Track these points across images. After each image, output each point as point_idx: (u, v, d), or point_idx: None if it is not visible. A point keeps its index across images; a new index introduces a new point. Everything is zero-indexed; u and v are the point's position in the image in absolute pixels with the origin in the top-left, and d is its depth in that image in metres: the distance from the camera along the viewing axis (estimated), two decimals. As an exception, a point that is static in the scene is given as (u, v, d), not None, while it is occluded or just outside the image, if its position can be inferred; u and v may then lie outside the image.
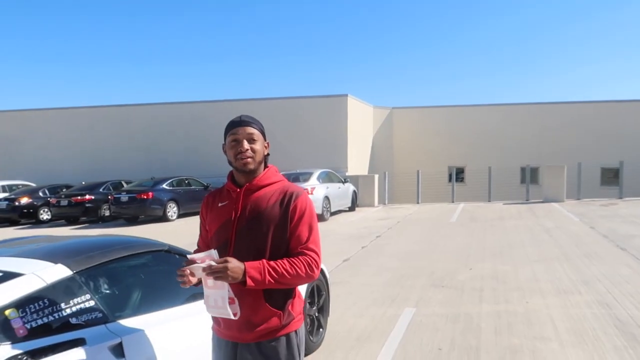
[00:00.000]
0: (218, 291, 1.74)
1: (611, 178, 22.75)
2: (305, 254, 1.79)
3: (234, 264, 1.68)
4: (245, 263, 1.71)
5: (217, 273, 1.66)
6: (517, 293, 5.53)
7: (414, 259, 7.71)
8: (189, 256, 1.77)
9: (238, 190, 1.86)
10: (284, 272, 1.73)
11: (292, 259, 1.77)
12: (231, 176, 1.92)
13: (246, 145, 1.82)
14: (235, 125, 1.85)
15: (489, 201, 17.43)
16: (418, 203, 18.18)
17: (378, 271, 7.00)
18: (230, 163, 1.88)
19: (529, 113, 25.33)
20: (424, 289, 5.88)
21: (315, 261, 1.80)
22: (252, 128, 1.85)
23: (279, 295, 1.81)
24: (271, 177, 1.90)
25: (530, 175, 18.14)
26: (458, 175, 23.86)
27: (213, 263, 1.68)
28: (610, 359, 3.67)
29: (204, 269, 1.68)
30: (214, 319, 1.90)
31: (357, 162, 22.47)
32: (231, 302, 1.73)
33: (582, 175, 16.58)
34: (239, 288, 1.75)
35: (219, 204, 1.90)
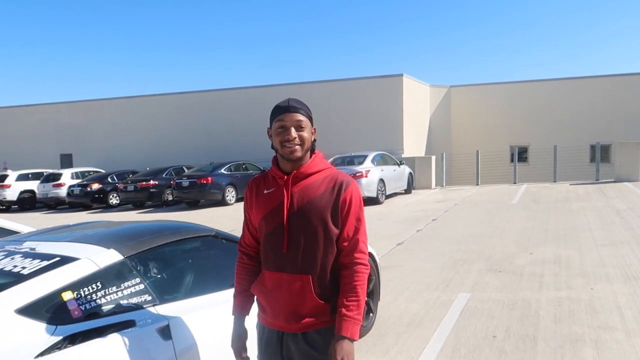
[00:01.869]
0: None
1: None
2: (357, 261, 1.77)
3: (344, 350, 1.69)
4: (342, 334, 1.70)
5: None
6: (581, 279, 5.24)
7: (470, 243, 7.49)
8: None
9: (285, 177, 1.80)
10: (361, 298, 1.74)
11: (355, 279, 1.74)
12: (276, 162, 1.86)
13: (294, 133, 1.74)
14: (283, 111, 1.77)
15: (554, 182, 16.59)
16: (477, 185, 17.62)
17: (433, 255, 6.86)
18: (274, 149, 1.82)
19: (599, 86, 23.67)
20: (480, 274, 5.71)
21: (365, 260, 1.79)
22: (300, 115, 1.77)
23: (328, 288, 1.78)
24: (319, 165, 1.84)
25: (600, 154, 17.04)
26: (520, 155, 22.91)
27: None
28: (684, 351, 3.40)
29: None
30: (260, 305, 1.89)
31: (414, 144, 22.03)
32: None
33: (659, 153, 15.38)
34: (286, 280, 1.75)
35: (265, 191, 1.85)
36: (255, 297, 1.93)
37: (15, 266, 2.14)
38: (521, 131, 24.48)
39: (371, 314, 4.17)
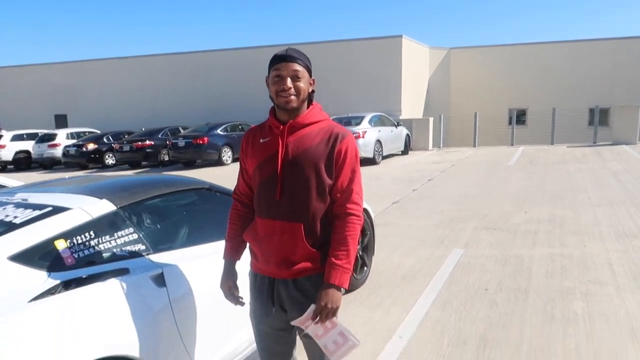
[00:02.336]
0: (332, 332, 1.76)
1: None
2: (349, 212, 1.78)
3: (329, 296, 1.72)
4: (330, 282, 1.73)
5: (327, 317, 1.73)
6: (574, 237, 5.30)
7: (466, 202, 7.53)
8: (293, 323, 1.80)
9: (282, 126, 1.80)
10: (351, 248, 1.76)
11: (346, 230, 1.76)
12: (273, 112, 1.85)
13: (289, 83, 1.73)
14: (280, 60, 1.75)
15: (552, 144, 16.56)
16: (475, 147, 17.59)
17: (428, 214, 6.90)
18: (271, 98, 1.81)
19: (599, 49, 23.31)
20: (474, 232, 5.76)
21: (359, 211, 1.79)
22: (297, 65, 1.75)
23: (319, 237, 1.80)
24: (316, 116, 1.83)
25: (599, 117, 16.94)
26: (519, 117, 22.79)
27: (311, 322, 1.74)
28: (672, 304, 3.47)
29: (315, 323, 1.74)
30: (252, 252, 1.91)
31: (412, 105, 21.84)
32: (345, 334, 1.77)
33: (658, 115, 15.29)
34: (278, 228, 1.77)
35: (261, 140, 1.85)
36: (248, 244, 1.95)
37: (7, 215, 2.13)
38: (520, 94, 24.28)
39: (365, 268, 4.22)
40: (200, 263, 2.33)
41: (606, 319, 3.30)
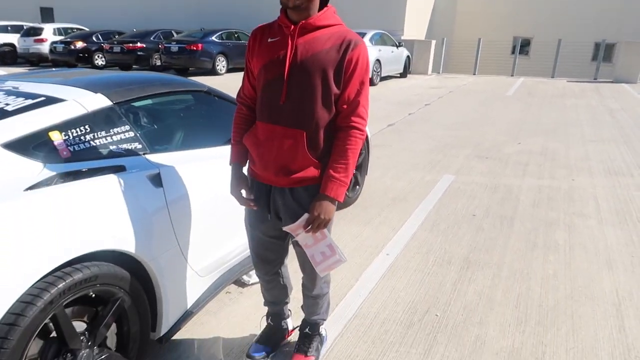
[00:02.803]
0: (321, 243, 1.77)
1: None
2: (353, 125, 1.73)
3: (322, 207, 1.72)
4: (326, 193, 1.72)
5: (318, 227, 1.74)
6: (564, 170, 5.36)
7: (461, 129, 7.50)
8: (285, 228, 1.80)
9: (292, 26, 1.70)
10: (351, 162, 1.73)
11: (348, 143, 1.72)
12: (284, 11, 1.74)
13: None
14: None
15: (552, 77, 16.29)
16: (475, 74, 17.25)
17: (422, 138, 6.89)
18: None
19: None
20: (467, 159, 5.79)
21: (363, 125, 1.74)
22: None
23: (321, 147, 1.76)
24: (329, 19, 1.72)
25: (604, 52, 16.54)
26: (523, 47, 22.20)
27: (302, 230, 1.75)
28: (650, 240, 3.59)
29: (306, 232, 1.75)
30: (250, 158, 1.88)
31: (415, 26, 21.04)
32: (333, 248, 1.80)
33: (663, 55, 14.96)
34: (280, 133, 1.73)
35: (269, 39, 1.76)
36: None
37: (-2, 103, 2.05)
38: (527, 22, 23.46)
39: (357, 187, 4.26)
40: (197, 166, 2.31)
41: (585, 249, 3.42)
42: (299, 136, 1.72)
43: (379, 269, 3.11)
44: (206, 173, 2.35)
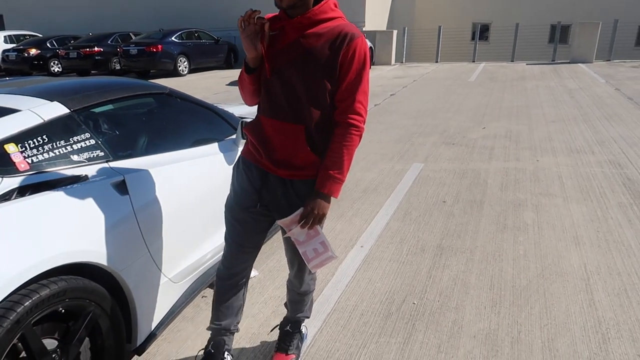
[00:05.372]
0: (314, 240, 1.76)
1: (647, 39, 21.40)
2: (350, 122, 1.69)
3: (317, 203, 1.70)
4: (321, 190, 1.70)
5: (313, 223, 1.71)
6: (528, 152, 5.49)
7: (426, 118, 7.59)
8: (279, 222, 1.77)
9: (289, 21, 1.67)
10: (346, 159, 1.71)
11: (344, 140, 1.69)
12: None
13: None
14: None
15: (512, 61, 16.66)
16: (437, 62, 17.47)
17: (389, 128, 6.94)
18: None
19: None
20: (434, 146, 5.86)
21: (360, 122, 1.71)
22: None
23: (321, 142, 1.75)
24: (327, 12, 1.68)
25: (560, 34, 17.00)
26: (482, 33, 22.61)
27: (295, 225, 1.74)
28: (613, 214, 3.71)
29: (302, 227, 1.72)
30: (250, 143, 1.85)
31: (376, 17, 21.15)
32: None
33: (616, 35, 15.49)
34: (279, 128, 1.72)
35: (270, 33, 1.73)
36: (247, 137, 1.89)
37: (-54, 117, 1.95)
38: (485, 7, 23.89)
39: (329, 181, 4.25)
40: (163, 171, 2.26)
41: (553, 228, 3.51)
42: (298, 131, 1.71)
43: (354, 261, 3.12)
44: (173, 176, 2.30)
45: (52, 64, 16.81)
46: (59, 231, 1.71)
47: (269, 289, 2.83)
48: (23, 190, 1.76)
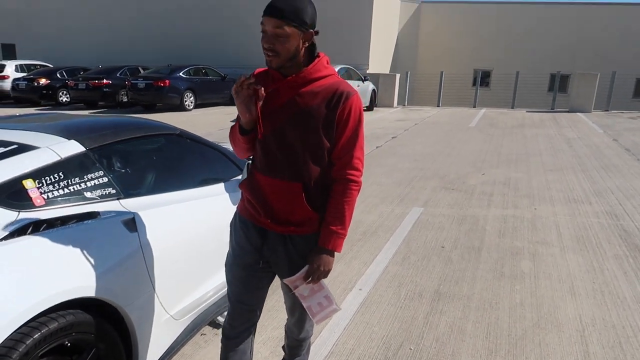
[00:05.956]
0: (318, 294, 1.77)
1: (644, 91, 21.90)
2: (348, 178, 1.71)
3: (322, 259, 1.72)
4: (325, 246, 1.72)
5: (318, 278, 1.73)
6: (526, 199, 5.57)
7: (427, 162, 7.73)
8: (285, 280, 1.80)
9: (283, 80, 1.67)
10: (347, 214, 1.73)
11: (344, 196, 1.71)
12: None
13: (267, 42, 1.58)
14: (265, 12, 1.57)
15: (512, 108, 16.99)
16: (438, 106, 17.82)
17: (390, 171, 7.06)
18: None
19: (566, 14, 23.67)
20: (433, 191, 5.95)
21: (358, 177, 1.73)
22: (280, 21, 1.54)
23: (318, 198, 1.75)
24: (321, 71, 1.68)
25: (559, 83, 17.41)
26: (483, 79, 23.14)
27: (301, 282, 1.75)
28: (609, 266, 3.76)
29: (307, 283, 1.75)
30: (246, 200, 1.83)
31: (379, 60, 21.73)
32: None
33: (615, 86, 15.88)
34: (277, 186, 1.71)
35: (268, 89, 1.73)
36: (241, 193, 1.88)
37: (-32, 152, 2.04)
38: (486, 55, 24.55)
39: (329, 222, 4.32)
40: (172, 209, 2.34)
41: (549, 277, 3.56)
42: (296, 189, 1.70)
43: (352, 304, 3.15)
44: (180, 215, 2.37)
45: (60, 94, 17.14)
46: (70, 266, 1.78)
47: (267, 329, 2.85)
48: (38, 225, 1.83)
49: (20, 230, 1.76)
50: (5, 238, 1.70)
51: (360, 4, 20.27)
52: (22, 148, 2.08)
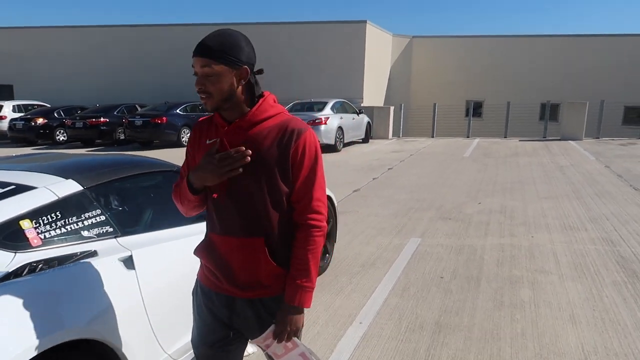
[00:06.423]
0: (292, 352, 1.60)
1: (634, 117, 22.25)
2: (310, 223, 1.53)
3: (289, 318, 1.53)
4: (292, 303, 1.52)
5: (289, 336, 1.55)
6: (523, 228, 5.58)
7: (423, 192, 7.76)
8: (253, 341, 1.62)
9: (227, 126, 1.52)
10: (312, 264, 1.54)
11: (307, 244, 1.53)
12: None
13: (198, 84, 1.46)
14: (194, 51, 1.46)
15: (505, 137, 17.18)
16: (433, 137, 18.01)
17: (387, 202, 7.08)
18: None
19: (554, 46, 24.26)
20: (431, 221, 5.96)
21: (320, 221, 1.55)
22: (207, 60, 1.43)
23: (284, 251, 1.57)
24: (268, 110, 1.53)
25: (550, 112, 17.69)
26: (476, 110, 23.47)
27: (271, 341, 1.58)
28: (608, 293, 3.75)
29: (278, 342, 1.57)
30: (206, 269, 1.63)
31: (373, 93, 22.07)
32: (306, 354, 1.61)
33: (604, 114, 16.13)
34: (235, 245, 1.53)
35: (207, 141, 1.57)
36: (200, 261, 1.70)
37: (-33, 193, 2.06)
38: (478, 86, 24.99)
39: (327, 255, 4.31)
40: (169, 246, 2.34)
41: (549, 306, 3.53)
42: (257, 244, 1.52)
43: (353, 338, 3.11)
44: (178, 252, 2.37)
45: (57, 132, 17.26)
46: (68, 307, 1.76)
47: (266, 366, 2.81)
48: (34, 266, 1.83)
49: (16, 272, 1.76)
50: (2, 279, 1.70)
51: (352, 39, 20.74)
52: (20, 188, 2.10)
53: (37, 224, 1.98)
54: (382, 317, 3.40)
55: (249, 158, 1.45)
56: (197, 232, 2.59)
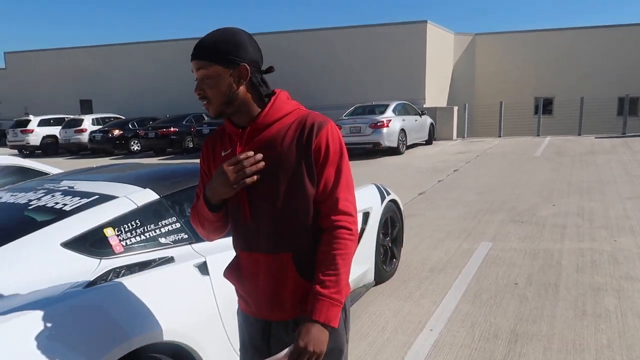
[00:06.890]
0: None
1: None
2: (337, 225, 1.35)
3: (311, 336, 1.28)
4: (315, 317, 1.29)
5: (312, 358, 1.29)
6: (604, 231, 5.22)
7: (492, 194, 7.47)
8: None
9: (240, 131, 1.39)
10: (342, 271, 1.33)
11: (334, 248, 1.33)
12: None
13: (196, 90, 1.38)
14: (191, 55, 1.37)
15: (579, 135, 16.24)
16: (500, 137, 17.35)
17: (454, 205, 6.87)
18: None
19: (630, 36, 22.61)
20: (502, 224, 5.72)
21: (349, 223, 1.37)
22: (202, 62, 1.34)
23: (314, 264, 1.37)
24: (282, 108, 1.39)
25: (629, 106, 16.50)
26: (545, 107, 22.34)
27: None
28: None
29: None
30: (238, 294, 1.53)
31: (436, 94, 21.59)
32: None
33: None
34: (261, 260, 1.40)
35: (222, 153, 1.44)
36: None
37: (56, 203, 2.21)
38: (547, 82, 23.77)
39: (394, 260, 4.25)
40: (240, 253, 2.38)
41: (638, 315, 3.27)
42: (285, 260, 1.38)
43: (424, 346, 3.03)
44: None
45: (132, 143, 18.28)
46: (146, 312, 1.84)
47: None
48: (117, 272, 1.93)
49: (102, 277, 1.86)
50: (91, 284, 1.80)
51: (413, 40, 20.42)
52: (103, 198, 2.22)
53: (119, 232, 2.09)
54: (453, 325, 3.29)
55: (263, 163, 1.33)
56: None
